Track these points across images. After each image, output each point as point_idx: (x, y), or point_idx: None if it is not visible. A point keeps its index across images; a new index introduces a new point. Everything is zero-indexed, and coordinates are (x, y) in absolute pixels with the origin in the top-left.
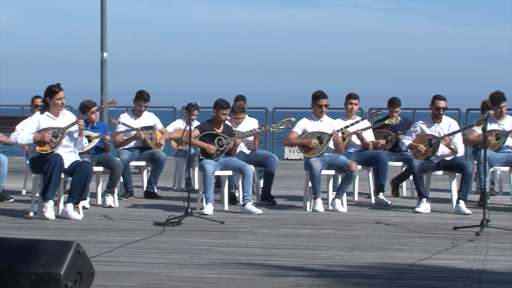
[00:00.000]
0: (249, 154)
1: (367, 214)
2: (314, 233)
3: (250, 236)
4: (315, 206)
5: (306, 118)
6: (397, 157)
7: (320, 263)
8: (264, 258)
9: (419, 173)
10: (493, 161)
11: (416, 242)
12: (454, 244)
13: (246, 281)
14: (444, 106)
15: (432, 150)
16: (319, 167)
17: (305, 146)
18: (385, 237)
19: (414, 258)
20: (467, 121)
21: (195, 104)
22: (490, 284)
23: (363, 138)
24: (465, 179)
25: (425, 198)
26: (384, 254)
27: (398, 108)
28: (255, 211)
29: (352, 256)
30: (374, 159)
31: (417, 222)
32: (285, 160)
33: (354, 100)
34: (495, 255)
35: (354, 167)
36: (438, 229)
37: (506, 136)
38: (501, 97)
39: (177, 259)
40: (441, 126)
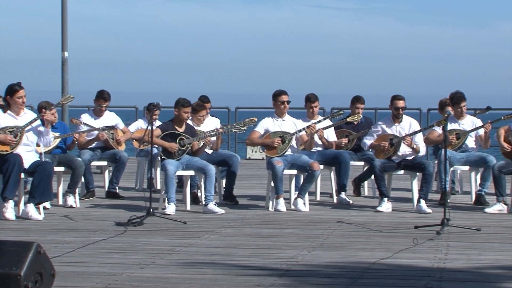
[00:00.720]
0: (211, 154)
1: (329, 214)
2: (276, 232)
3: (212, 236)
4: (277, 205)
5: (268, 118)
6: (359, 157)
7: (282, 263)
8: (227, 258)
9: (380, 173)
10: (453, 160)
11: (377, 241)
12: (415, 243)
13: (208, 281)
14: (403, 105)
15: (393, 150)
16: (281, 166)
17: (267, 146)
18: (347, 237)
19: (375, 257)
20: (427, 121)
21: (156, 104)
22: (450, 282)
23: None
24: (426, 178)
25: (386, 198)
26: (346, 253)
27: (361, 105)
28: (217, 211)
29: (314, 255)
30: (336, 158)
31: (379, 222)
32: (248, 160)
33: (313, 104)
34: (456, 254)
35: (316, 166)
36: (399, 228)
37: (466, 135)
38: (461, 97)
39: (139, 259)
40: (401, 126)
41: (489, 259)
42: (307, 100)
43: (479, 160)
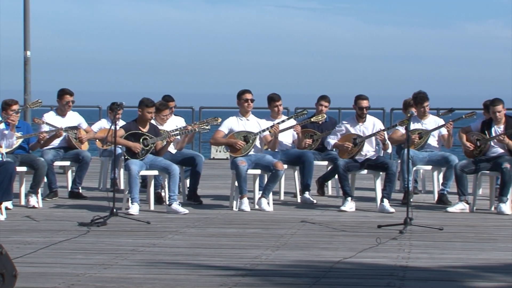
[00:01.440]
0: (175, 154)
1: (293, 213)
2: (240, 232)
3: (176, 236)
4: (241, 205)
5: (232, 117)
6: (322, 157)
7: (246, 262)
8: (190, 258)
9: (344, 172)
10: (416, 160)
11: (341, 241)
12: (378, 242)
13: (172, 281)
14: (366, 105)
15: (357, 149)
16: (245, 166)
17: (231, 146)
18: (310, 236)
19: (339, 256)
20: (391, 121)
21: (120, 104)
22: (412, 281)
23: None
24: (389, 178)
25: (350, 197)
26: (310, 252)
27: (326, 103)
28: (181, 211)
29: (278, 255)
30: (300, 158)
31: (342, 221)
32: (212, 160)
33: (277, 102)
34: (418, 253)
35: (280, 166)
36: (363, 228)
37: (428, 135)
38: (424, 96)
39: (102, 259)
40: (365, 126)
41: (451, 258)
42: (271, 100)
43: (442, 159)
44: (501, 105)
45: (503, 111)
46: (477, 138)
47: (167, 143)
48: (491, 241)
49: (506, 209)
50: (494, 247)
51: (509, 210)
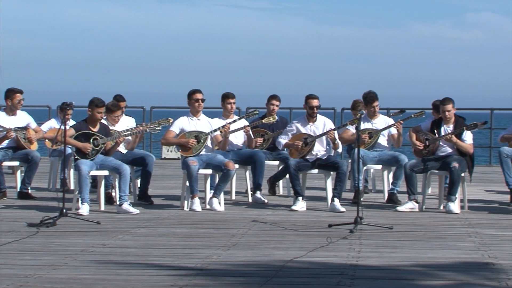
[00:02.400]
0: (126, 154)
1: (244, 213)
2: (191, 232)
3: (126, 236)
4: (192, 205)
5: (183, 117)
6: (274, 156)
7: (197, 262)
8: (141, 258)
9: (295, 172)
10: (366, 159)
11: (292, 240)
12: (329, 242)
13: (122, 281)
14: (317, 104)
15: (307, 149)
16: (196, 166)
17: (182, 146)
18: (261, 236)
19: (290, 255)
20: (342, 120)
21: (69, 103)
22: (363, 280)
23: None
24: (340, 177)
25: (301, 197)
26: (261, 252)
27: (277, 102)
28: (131, 211)
29: (229, 254)
30: (251, 158)
31: (293, 220)
32: (163, 160)
33: (231, 100)
34: (368, 252)
35: (231, 166)
36: (314, 227)
37: (378, 134)
38: (373, 96)
39: (52, 260)
40: (316, 125)
41: (401, 257)
42: (225, 97)
43: (392, 159)
44: (450, 105)
45: (452, 111)
46: (426, 137)
47: (116, 144)
48: (440, 239)
49: (455, 208)
50: (442, 245)
51: (458, 209)
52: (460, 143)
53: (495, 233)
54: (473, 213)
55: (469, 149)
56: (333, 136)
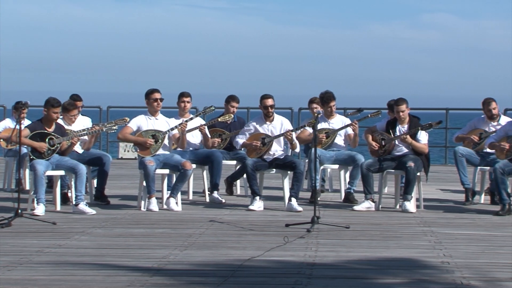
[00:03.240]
0: (82, 154)
1: (202, 213)
2: (148, 232)
3: (82, 236)
4: (149, 205)
5: (141, 115)
6: (231, 156)
7: (154, 262)
8: (97, 258)
9: (252, 172)
10: (323, 159)
11: (249, 240)
12: (286, 241)
13: (78, 282)
14: (271, 104)
15: (265, 149)
16: (153, 166)
17: (140, 145)
18: (219, 235)
19: (247, 255)
20: (299, 120)
21: (24, 103)
22: (319, 279)
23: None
24: (297, 177)
25: (258, 196)
26: (218, 252)
27: (236, 104)
28: (88, 211)
29: (186, 254)
30: (208, 158)
31: (250, 220)
32: (120, 160)
33: (186, 98)
34: (325, 251)
35: (189, 166)
36: (271, 227)
37: (335, 134)
38: (330, 96)
39: (6, 261)
40: (273, 125)
41: (357, 256)
42: (180, 95)
43: (348, 158)
44: (404, 105)
45: (406, 111)
46: (382, 137)
47: (72, 144)
48: (396, 238)
49: (411, 207)
50: (398, 244)
51: (414, 208)
52: (415, 143)
53: (450, 232)
54: (428, 212)
55: (424, 149)
56: (291, 136)
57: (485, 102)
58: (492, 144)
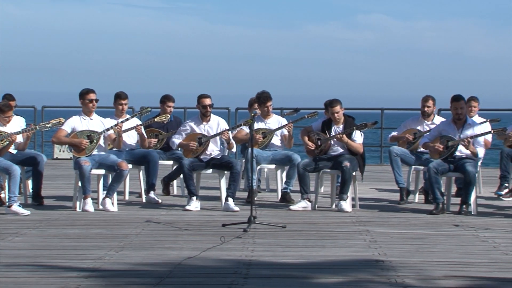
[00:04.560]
0: (16, 154)
1: (138, 213)
2: (83, 233)
3: (16, 237)
4: (85, 206)
5: (75, 116)
6: (167, 156)
7: (89, 263)
8: (31, 259)
9: (189, 172)
10: (260, 159)
11: (185, 240)
12: (223, 241)
13: (12, 283)
14: (209, 103)
15: (202, 148)
16: (89, 166)
17: (75, 146)
18: (155, 236)
19: (183, 255)
20: (236, 120)
21: None
22: (256, 279)
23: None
24: (234, 177)
25: (195, 196)
26: (154, 252)
27: (171, 103)
28: (22, 212)
29: (121, 255)
30: (145, 158)
31: (187, 220)
32: (55, 160)
33: (123, 101)
34: (261, 251)
35: (125, 166)
36: (207, 227)
37: (271, 134)
38: (267, 96)
39: None
40: (210, 125)
41: (294, 255)
42: (117, 97)
43: (285, 158)
44: (338, 106)
45: (341, 111)
46: (318, 137)
47: (9, 143)
48: (332, 238)
49: (346, 207)
50: (334, 243)
51: (349, 208)
52: (351, 143)
53: (385, 231)
54: (364, 212)
55: (359, 148)
56: (228, 136)
57: (423, 98)
58: (426, 144)
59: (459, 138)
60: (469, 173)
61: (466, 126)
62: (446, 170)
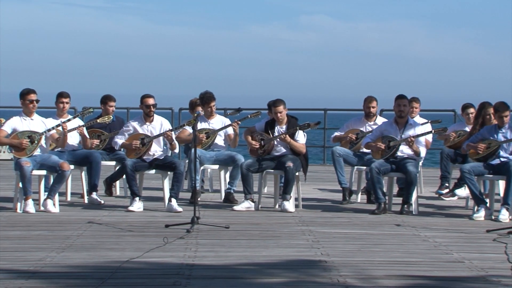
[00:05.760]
0: None
1: (80, 214)
2: (24, 234)
3: None
4: (26, 207)
5: (16, 117)
6: (110, 157)
7: (30, 265)
8: None
9: (132, 172)
10: (203, 159)
11: (128, 241)
12: (166, 242)
13: None
14: (152, 103)
15: (145, 149)
16: (30, 167)
17: (15, 146)
18: (97, 237)
19: (126, 256)
20: (179, 120)
21: None
22: (198, 279)
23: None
24: (177, 177)
25: (138, 197)
26: (96, 253)
27: (113, 103)
28: None
29: (63, 257)
30: (87, 158)
31: (130, 221)
32: None
33: (65, 99)
34: (205, 251)
35: (66, 167)
36: (150, 227)
37: (215, 134)
38: (210, 97)
39: None
40: (153, 125)
41: (237, 256)
42: (59, 96)
43: (228, 158)
44: (281, 106)
45: (284, 112)
46: (261, 137)
47: None
48: (275, 238)
49: (290, 207)
50: (277, 244)
51: (292, 208)
52: (294, 143)
53: (327, 231)
54: (307, 212)
55: (302, 148)
56: (171, 136)
57: (366, 99)
58: (368, 144)
59: (401, 138)
60: (410, 173)
61: (407, 126)
62: (388, 170)
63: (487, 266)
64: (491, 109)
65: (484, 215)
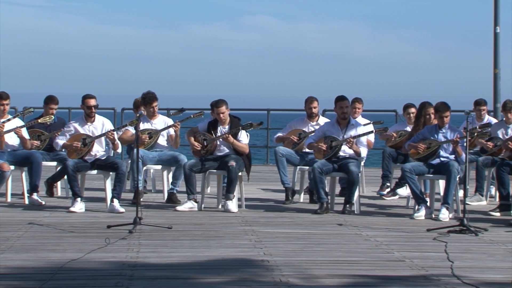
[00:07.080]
0: None
1: (20, 215)
2: None
3: None
4: None
5: None
6: (51, 157)
7: None
8: None
9: (73, 173)
10: (146, 159)
11: (69, 242)
12: (107, 243)
13: None
14: (94, 104)
15: (86, 149)
16: None
17: None
18: (38, 238)
19: (67, 258)
20: (122, 120)
21: None
22: (141, 280)
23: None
24: (119, 178)
25: (79, 198)
26: (37, 255)
27: (55, 105)
28: None
29: (3, 258)
30: (27, 159)
31: (71, 222)
32: None
33: (5, 101)
34: (147, 252)
35: (6, 167)
36: (92, 228)
37: (158, 135)
38: (152, 96)
39: None
40: (94, 126)
41: (179, 256)
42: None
43: (171, 159)
44: (224, 106)
45: (226, 112)
46: (204, 138)
47: None
48: (218, 238)
49: (233, 207)
50: (220, 244)
51: (235, 208)
52: (237, 143)
53: (270, 231)
54: (250, 212)
55: (245, 148)
56: (113, 136)
57: (308, 100)
58: (310, 144)
59: (343, 138)
60: (352, 173)
61: (349, 126)
62: (330, 170)
63: (428, 264)
64: (431, 109)
65: (424, 214)
